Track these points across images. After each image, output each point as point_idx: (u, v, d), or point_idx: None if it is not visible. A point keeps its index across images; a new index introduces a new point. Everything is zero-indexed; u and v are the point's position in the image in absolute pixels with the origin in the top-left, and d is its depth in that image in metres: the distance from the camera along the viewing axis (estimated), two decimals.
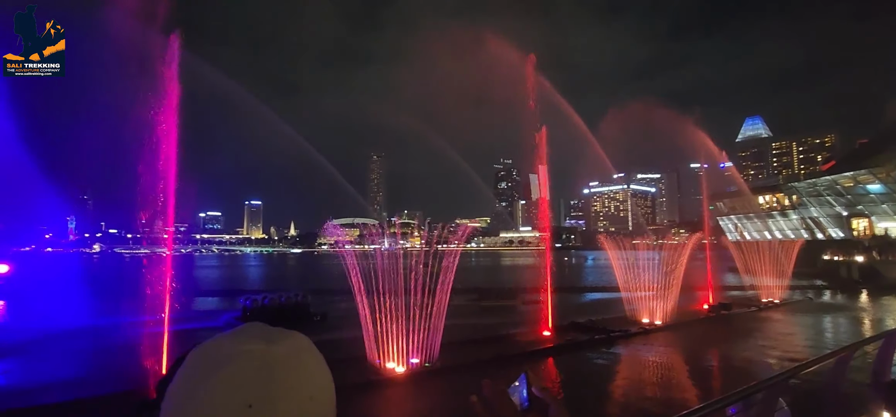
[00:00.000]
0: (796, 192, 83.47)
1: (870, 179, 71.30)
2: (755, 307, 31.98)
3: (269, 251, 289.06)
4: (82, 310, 25.75)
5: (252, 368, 0.95)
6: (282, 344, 1.02)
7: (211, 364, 0.96)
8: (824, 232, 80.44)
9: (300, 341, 1.07)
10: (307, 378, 1.02)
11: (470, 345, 19.40)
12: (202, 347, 1.01)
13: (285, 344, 1.02)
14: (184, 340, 17.81)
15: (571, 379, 17.58)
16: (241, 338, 1.01)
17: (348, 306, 18.13)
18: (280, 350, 1.00)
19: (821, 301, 38.32)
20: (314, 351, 1.09)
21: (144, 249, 20.95)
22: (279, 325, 1.12)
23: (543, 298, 23.39)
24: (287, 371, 0.98)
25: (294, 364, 1.01)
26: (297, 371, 1.00)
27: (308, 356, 1.06)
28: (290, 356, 1.01)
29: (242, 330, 1.05)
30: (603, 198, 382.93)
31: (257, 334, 1.03)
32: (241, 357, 0.96)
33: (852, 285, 48.71)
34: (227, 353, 0.97)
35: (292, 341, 1.05)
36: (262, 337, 1.02)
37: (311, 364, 1.05)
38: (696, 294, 30.84)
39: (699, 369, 18.67)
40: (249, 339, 1.01)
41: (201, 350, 1.00)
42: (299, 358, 1.03)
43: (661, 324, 25.11)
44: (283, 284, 50.05)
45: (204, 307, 35.54)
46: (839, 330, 26.60)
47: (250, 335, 1.03)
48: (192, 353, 1.01)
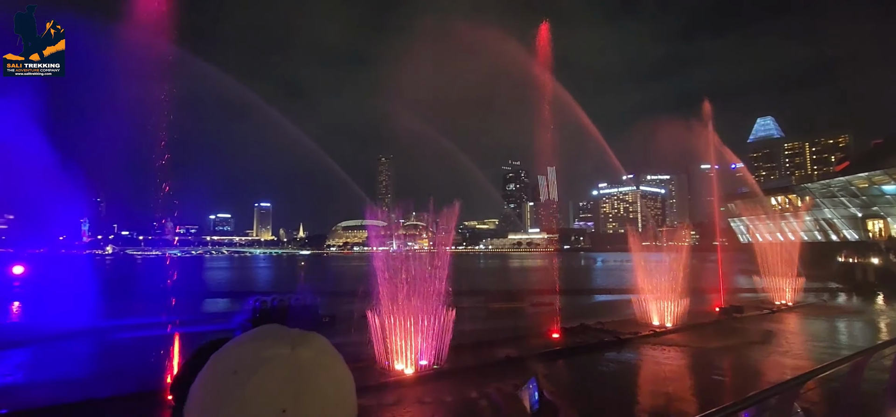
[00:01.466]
0: (809, 193, 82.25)
1: (885, 180, 70.04)
2: (768, 309, 31.52)
3: (278, 252, 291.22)
4: (95, 311, 26.10)
5: (282, 373, 0.95)
6: (306, 347, 1.02)
7: (240, 370, 0.95)
8: (838, 233, 79.15)
9: (321, 343, 1.08)
10: (332, 379, 1.04)
11: (479, 348, 19.35)
12: (226, 351, 1.01)
13: (309, 347, 1.03)
14: (194, 343, 17.98)
15: (581, 383, 17.46)
16: (265, 342, 1.01)
17: (357, 308, 18.18)
18: (305, 353, 1.00)
19: (835, 303, 37.70)
20: (334, 353, 1.10)
21: (156, 251, 21.21)
22: (288, 326, 1.12)
23: (553, 300, 23.29)
24: (314, 374, 0.99)
25: (319, 366, 1.02)
26: (322, 373, 1.02)
27: (330, 358, 1.07)
28: (315, 358, 1.02)
29: (263, 333, 1.05)
30: (612, 200, 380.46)
31: (280, 337, 1.03)
32: (271, 362, 0.96)
33: (868, 288, 47.87)
34: (254, 359, 0.96)
35: (315, 343, 1.06)
36: (286, 341, 1.02)
37: (334, 366, 1.07)
38: (708, 296, 30.49)
39: (710, 373, 18.43)
40: (275, 343, 1.00)
41: (225, 355, 1.00)
42: (323, 361, 1.04)
43: (671, 327, 24.86)
44: (291, 286, 50.33)
45: (214, 308, 35.87)
46: (855, 334, 26.12)
47: (274, 337, 1.02)
48: (216, 357, 1.01)
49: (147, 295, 22.89)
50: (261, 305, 27.40)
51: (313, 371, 0.99)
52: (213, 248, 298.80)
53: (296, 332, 1.07)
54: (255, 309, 27.08)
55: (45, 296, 30.80)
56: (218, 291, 48.31)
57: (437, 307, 17.49)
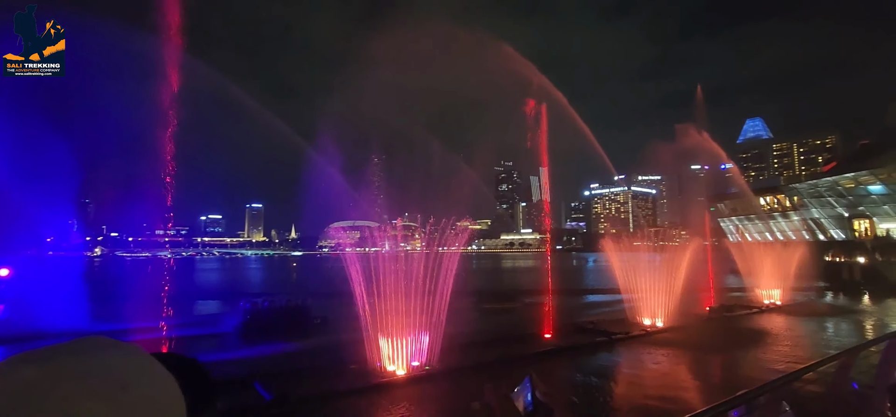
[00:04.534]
0: (797, 193, 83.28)
1: (871, 180, 71.08)
2: (757, 308, 31.89)
3: (269, 253, 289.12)
4: (81, 314, 25.67)
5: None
6: (109, 360, 0.86)
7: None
8: (826, 233, 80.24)
9: (133, 358, 0.89)
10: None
11: (472, 348, 19.35)
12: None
13: (113, 360, 0.86)
14: (184, 346, 17.82)
15: (575, 382, 17.54)
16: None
17: (349, 309, 18.12)
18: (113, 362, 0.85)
19: (823, 302, 38.20)
20: (149, 371, 0.90)
21: (145, 253, 20.99)
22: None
23: (545, 301, 23.37)
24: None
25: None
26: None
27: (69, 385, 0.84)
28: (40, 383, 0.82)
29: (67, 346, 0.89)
30: (604, 200, 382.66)
31: (80, 349, 0.87)
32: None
33: (854, 287, 48.60)
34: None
35: (121, 359, 0.87)
36: (87, 353, 0.87)
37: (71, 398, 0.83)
38: (698, 295, 30.76)
39: (700, 371, 18.59)
40: (68, 356, 0.86)
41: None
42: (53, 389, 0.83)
43: (662, 326, 25.05)
44: (283, 287, 50.03)
45: (205, 310, 35.51)
46: (842, 333, 26.49)
47: (71, 351, 0.87)
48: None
49: (135, 298, 22.57)
50: (252, 307, 27.18)
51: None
52: (203, 250, 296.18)
53: (54, 348, 0.88)
54: (247, 311, 26.86)
55: (30, 299, 30.29)
56: (209, 293, 47.88)
57: (430, 308, 17.49)
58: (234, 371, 16.43)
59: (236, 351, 20.64)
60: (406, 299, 17.09)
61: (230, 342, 22.76)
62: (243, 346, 21.59)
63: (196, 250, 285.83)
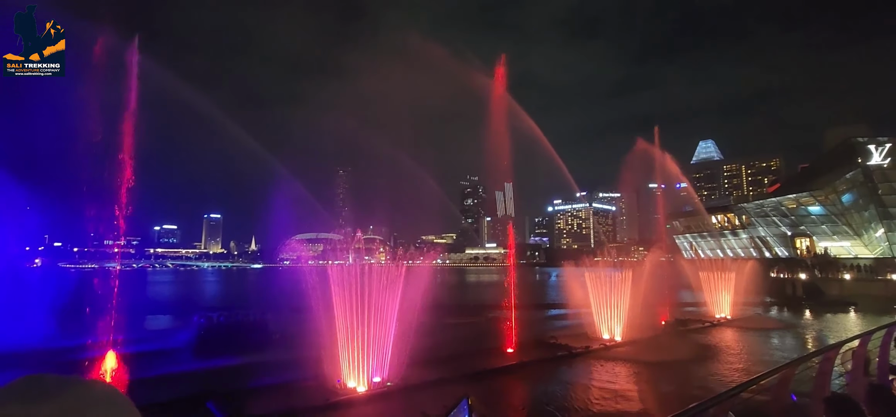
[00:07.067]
0: (746, 212, 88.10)
1: (811, 201, 76.02)
2: (709, 323, 33.28)
3: (227, 265, 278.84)
4: (17, 332, 23.81)
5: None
6: (49, 404, 0.82)
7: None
8: (771, 250, 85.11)
9: (81, 396, 0.87)
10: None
11: (434, 363, 19.22)
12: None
13: (55, 403, 0.82)
14: (131, 363, 16.84)
15: (535, 396, 17.71)
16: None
17: (310, 324, 17.66)
18: (46, 410, 0.81)
19: (769, 316, 40.26)
20: (103, 406, 0.89)
21: (92, 264, 19.82)
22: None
23: (508, 315, 23.55)
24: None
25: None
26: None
27: (93, 412, 0.85)
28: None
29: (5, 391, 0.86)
30: (566, 216, 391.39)
31: (19, 395, 0.83)
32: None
33: (797, 302, 51.49)
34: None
35: (67, 399, 0.84)
36: (24, 398, 0.82)
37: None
38: (654, 310, 31.80)
39: (655, 384, 19.15)
40: (4, 404, 0.82)
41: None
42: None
43: (620, 341, 25.72)
44: (241, 301, 48.31)
45: (155, 325, 33.81)
46: (786, 346, 27.96)
47: (9, 397, 0.83)
48: None
49: (76, 312, 21.14)
50: (207, 322, 26.05)
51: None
52: (156, 262, 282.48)
53: (54, 382, 0.87)
54: (201, 326, 25.72)
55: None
56: (159, 307, 45.62)
57: (392, 322, 17.30)
58: (186, 389, 15.67)
59: (188, 366, 19.71)
60: (368, 313, 16.84)
61: (182, 358, 21.69)
62: (196, 363, 20.62)
63: (148, 262, 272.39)
